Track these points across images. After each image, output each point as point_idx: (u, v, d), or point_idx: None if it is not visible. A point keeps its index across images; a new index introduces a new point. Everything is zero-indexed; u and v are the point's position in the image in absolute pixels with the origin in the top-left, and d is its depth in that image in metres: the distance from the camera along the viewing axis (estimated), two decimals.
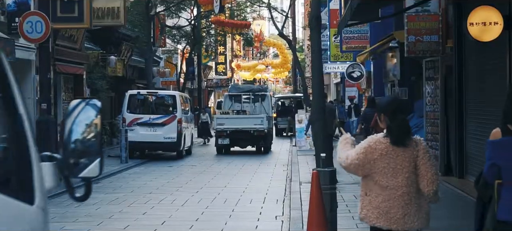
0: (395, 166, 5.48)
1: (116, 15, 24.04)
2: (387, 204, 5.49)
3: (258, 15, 62.57)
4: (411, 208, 5.50)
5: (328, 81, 46.55)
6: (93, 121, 3.15)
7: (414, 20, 15.60)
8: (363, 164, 5.51)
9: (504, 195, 5.21)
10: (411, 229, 5.52)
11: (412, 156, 5.50)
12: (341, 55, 29.93)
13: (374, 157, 5.48)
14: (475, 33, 11.40)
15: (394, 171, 5.49)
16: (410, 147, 5.51)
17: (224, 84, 62.61)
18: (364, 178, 5.65)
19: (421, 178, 5.50)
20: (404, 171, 5.49)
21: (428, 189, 5.48)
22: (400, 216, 5.49)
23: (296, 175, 17.47)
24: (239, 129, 26.46)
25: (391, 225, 5.50)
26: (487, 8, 11.43)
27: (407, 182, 5.49)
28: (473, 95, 14.09)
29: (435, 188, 5.51)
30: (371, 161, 5.49)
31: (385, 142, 5.51)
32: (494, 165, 5.28)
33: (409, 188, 5.49)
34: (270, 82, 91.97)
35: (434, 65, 16.05)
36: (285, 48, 59.65)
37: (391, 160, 5.49)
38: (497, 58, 12.29)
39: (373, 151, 5.48)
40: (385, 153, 5.49)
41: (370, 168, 5.52)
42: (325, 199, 8.86)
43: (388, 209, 5.49)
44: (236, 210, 12.88)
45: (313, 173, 8.92)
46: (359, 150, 5.54)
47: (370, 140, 5.59)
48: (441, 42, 15.48)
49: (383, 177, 5.51)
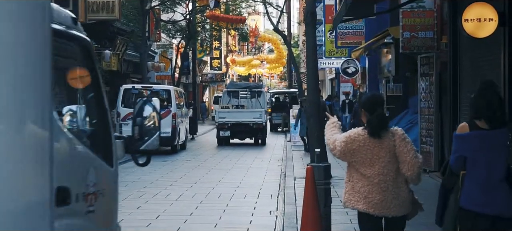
0: (372, 156, 5.95)
1: (111, 9, 24.01)
2: (366, 189, 5.96)
3: (253, 10, 62.48)
4: (388, 195, 5.93)
5: (323, 77, 46.55)
6: (151, 113, 4.92)
7: (409, 16, 15.62)
8: (344, 152, 6.01)
9: (467, 185, 5.66)
10: (387, 215, 5.96)
11: (388, 146, 5.95)
12: (336, 50, 29.96)
13: (353, 147, 5.97)
14: (470, 29, 11.42)
15: (371, 161, 5.96)
16: (386, 138, 5.96)
17: (219, 79, 62.58)
18: (348, 166, 6.16)
19: (402, 164, 5.93)
20: (380, 161, 5.94)
21: (410, 173, 5.93)
22: (378, 201, 5.92)
23: (290, 170, 17.49)
24: (239, 122, 28.57)
25: (369, 209, 5.95)
26: (482, 5, 11.44)
27: (383, 170, 5.93)
28: (468, 92, 14.12)
29: (416, 170, 5.94)
30: (350, 151, 5.99)
31: (363, 133, 6.00)
32: (460, 157, 5.69)
33: (386, 177, 5.94)
34: (265, 77, 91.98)
35: (429, 61, 16.06)
36: (280, 43, 59.64)
37: (368, 150, 5.96)
38: (492, 54, 12.31)
39: (352, 142, 5.98)
40: (362, 144, 5.97)
41: (350, 157, 6.02)
42: (320, 194, 8.86)
43: (367, 194, 5.96)
44: (230, 204, 12.88)
45: (308, 168, 8.92)
46: (341, 138, 6.05)
47: (350, 131, 6.11)
48: (436, 38, 15.50)
49: (362, 166, 5.99)
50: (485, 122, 5.64)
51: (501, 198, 5.61)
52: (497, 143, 5.65)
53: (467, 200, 5.65)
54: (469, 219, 5.64)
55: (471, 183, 5.64)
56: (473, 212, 5.62)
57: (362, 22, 26.10)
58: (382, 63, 25.46)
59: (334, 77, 41.63)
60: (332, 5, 27.83)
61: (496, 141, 5.64)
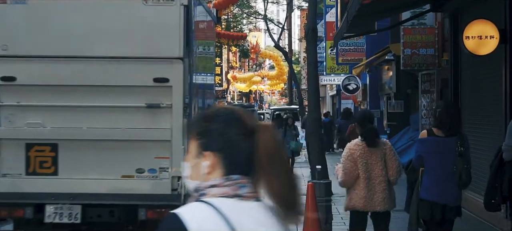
0: (371, 161, 7.34)
1: None
2: (367, 190, 7.31)
3: (255, 26, 62.64)
4: (386, 193, 7.36)
5: (324, 94, 46.60)
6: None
7: (410, 33, 15.62)
8: (352, 166, 7.34)
9: (424, 179, 7.10)
10: (381, 210, 7.36)
11: (381, 154, 7.37)
12: (337, 67, 29.95)
13: (356, 155, 7.35)
14: (471, 46, 11.41)
15: (371, 165, 7.34)
16: (379, 147, 7.40)
17: (220, 96, 62.61)
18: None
19: (389, 169, 7.39)
20: (378, 165, 7.35)
21: (393, 178, 7.43)
22: (380, 200, 7.33)
23: None
24: None
25: (376, 208, 7.35)
26: (483, 22, 11.44)
27: (382, 172, 7.35)
28: (469, 109, 14.09)
29: (398, 176, 7.49)
30: (355, 159, 7.34)
31: (361, 144, 7.41)
32: (420, 157, 7.14)
33: (384, 177, 7.36)
34: (266, 94, 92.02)
35: (430, 78, 16.06)
36: (281, 60, 59.66)
37: (368, 158, 7.35)
38: (493, 72, 12.29)
39: (354, 152, 7.37)
40: (362, 151, 7.35)
41: (356, 166, 7.32)
42: (320, 211, 8.84)
43: (372, 196, 7.32)
44: None
45: (308, 185, 8.90)
46: (343, 159, 7.41)
47: (349, 146, 7.51)
48: (437, 56, 15.49)
49: (365, 171, 7.32)
50: (441, 131, 7.03)
51: (450, 190, 7.01)
52: (449, 147, 7.00)
53: (425, 192, 7.08)
54: (427, 207, 7.06)
55: (428, 178, 7.05)
56: (429, 201, 7.04)
57: (363, 39, 26.12)
58: (383, 80, 25.47)
59: (335, 94, 41.65)
60: (333, 22, 27.85)
61: (448, 146, 7.00)
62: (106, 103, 8.21)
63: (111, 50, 8.26)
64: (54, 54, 8.26)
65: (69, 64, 8.25)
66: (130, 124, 8.17)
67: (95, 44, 8.30)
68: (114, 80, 8.22)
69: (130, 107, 8.18)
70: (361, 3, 9.69)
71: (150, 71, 8.14)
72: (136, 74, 8.16)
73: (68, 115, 8.23)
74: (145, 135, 8.16)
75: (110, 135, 8.20)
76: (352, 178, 7.31)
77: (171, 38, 8.20)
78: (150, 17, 8.23)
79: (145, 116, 8.16)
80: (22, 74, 8.23)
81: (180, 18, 8.20)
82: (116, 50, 8.26)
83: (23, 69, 8.24)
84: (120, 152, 8.18)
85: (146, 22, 8.25)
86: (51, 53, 8.26)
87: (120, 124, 8.19)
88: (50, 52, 8.26)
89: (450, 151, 6.96)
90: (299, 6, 49.20)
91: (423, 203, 7.06)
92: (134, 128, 8.16)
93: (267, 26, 43.75)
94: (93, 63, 8.25)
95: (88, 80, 8.21)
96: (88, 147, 8.19)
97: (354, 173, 7.31)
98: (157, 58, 8.20)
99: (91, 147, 8.19)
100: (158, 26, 8.23)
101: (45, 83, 8.26)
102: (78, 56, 8.26)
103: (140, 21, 8.27)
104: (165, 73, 8.15)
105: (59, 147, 8.17)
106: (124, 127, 8.18)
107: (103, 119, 8.21)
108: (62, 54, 8.25)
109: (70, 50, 8.25)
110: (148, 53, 8.21)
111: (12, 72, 8.21)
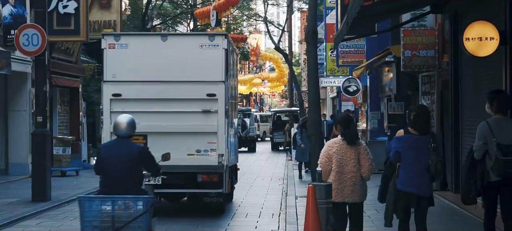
0: (345, 158, 8.45)
1: (112, 28, 24.04)
2: (341, 184, 8.44)
3: (255, 29, 62.63)
4: (356, 186, 8.46)
5: (324, 96, 46.55)
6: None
7: (411, 35, 15.62)
8: (326, 161, 8.49)
9: (401, 173, 8.23)
10: (357, 201, 8.50)
11: (356, 152, 8.47)
12: (337, 69, 29.90)
13: (331, 152, 8.49)
14: (471, 48, 11.41)
15: (345, 162, 8.44)
16: (355, 146, 8.48)
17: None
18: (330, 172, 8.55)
19: (362, 167, 8.46)
20: (351, 162, 8.44)
21: (365, 175, 8.49)
22: (349, 193, 8.45)
23: (292, 189, 17.44)
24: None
25: (344, 199, 8.47)
26: (483, 23, 11.44)
27: (354, 168, 8.44)
28: (469, 110, 14.10)
29: (369, 174, 8.53)
30: (330, 155, 8.48)
31: (339, 142, 8.54)
32: (397, 152, 8.24)
33: (356, 173, 8.45)
34: (266, 96, 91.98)
35: (430, 80, 16.06)
36: (282, 62, 59.70)
37: (343, 154, 8.46)
38: (493, 73, 12.30)
39: (331, 148, 8.52)
40: (339, 149, 8.48)
41: (330, 161, 8.46)
42: (321, 214, 8.83)
43: (342, 188, 8.45)
44: (231, 224, 12.85)
45: (309, 187, 8.90)
46: (321, 154, 8.60)
47: (328, 143, 8.70)
48: (437, 57, 15.49)
49: (338, 166, 8.44)
50: (416, 130, 8.22)
51: (423, 182, 8.18)
52: (422, 145, 8.17)
53: (401, 183, 8.21)
54: (403, 197, 8.21)
55: (404, 172, 8.19)
56: (405, 192, 8.17)
57: (364, 41, 26.09)
58: (383, 82, 25.46)
59: (335, 95, 41.62)
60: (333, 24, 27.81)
61: (421, 143, 8.18)
62: (177, 109, 13.20)
63: (181, 77, 13.23)
64: (145, 80, 13.25)
65: (154, 85, 13.24)
66: (192, 122, 13.17)
67: (171, 72, 13.27)
68: (182, 95, 13.19)
69: (192, 112, 13.16)
70: (361, 5, 9.69)
71: (204, 90, 13.15)
72: (196, 91, 13.16)
73: (153, 117, 13.11)
74: (201, 128, 13.15)
75: (180, 128, 13.14)
76: (326, 171, 8.48)
77: (217, 69, 13.20)
78: (204, 56, 13.23)
79: (201, 117, 13.17)
80: (124, 92, 13.20)
81: (222, 57, 13.22)
82: (184, 77, 13.23)
83: (125, 89, 13.22)
84: (185, 139, 13.09)
85: (202, 59, 13.22)
86: (143, 79, 13.25)
87: (186, 122, 13.17)
88: (142, 79, 13.25)
89: (424, 147, 8.17)
90: (299, 8, 49.20)
91: (400, 194, 8.21)
92: (195, 124, 13.16)
93: (267, 28, 43.77)
94: (169, 84, 13.23)
95: (166, 95, 13.21)
96: (166, 136, 12.93)
97: (327, 167, 8.47)
98: (209, 81, 13.17)
99: (168, 136, 12.95)
100: (210, 61, 13.19)
101: (139, 98, 13.20)
102: (160, 80, 13.23)
103: (198, 58, 13.23)
104: (213, 91, 13.15)
105: (148, 136, 12.74)
106: (188, 124, 13.16)
107: (175, 119, 13.19)
108: (150, 79, 13.25)
109: (155, 77, 13.25)
110: (203, 78, 13.20)
111: (119, 91, 13.21)
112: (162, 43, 13.32)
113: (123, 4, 28.39)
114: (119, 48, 13.23)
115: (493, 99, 8.59)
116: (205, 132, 13.06)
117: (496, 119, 8.50)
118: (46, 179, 15.38)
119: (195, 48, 13.22)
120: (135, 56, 13.23)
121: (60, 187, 17.83)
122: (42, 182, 15.30)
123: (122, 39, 13.44)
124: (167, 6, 38.26)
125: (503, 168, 8.13)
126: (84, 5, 20.34)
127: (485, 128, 8.45)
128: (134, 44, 13.42)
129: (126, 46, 13.27)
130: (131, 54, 13.22)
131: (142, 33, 22.55)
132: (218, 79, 13.08)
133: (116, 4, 24.23)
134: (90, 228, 7.44)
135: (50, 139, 16.55)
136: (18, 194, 16.38)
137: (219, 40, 13.21)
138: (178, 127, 13.07)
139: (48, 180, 15.49)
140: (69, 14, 19.75)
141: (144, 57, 13.23)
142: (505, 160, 8.10)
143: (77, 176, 21.73)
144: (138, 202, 7.47)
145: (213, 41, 13.21)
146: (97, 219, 7.40)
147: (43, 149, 15.49)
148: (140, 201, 7.47)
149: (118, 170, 7.89)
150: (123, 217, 7.40)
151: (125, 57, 13.22)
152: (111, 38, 13.43)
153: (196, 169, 13.12)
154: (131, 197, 7.55)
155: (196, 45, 13.27)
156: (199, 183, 13.25)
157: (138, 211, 7.42)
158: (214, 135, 13.04)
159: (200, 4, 37.47)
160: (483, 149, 8.38)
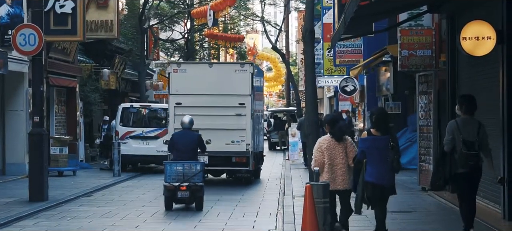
0: (335, 153, 9.91)
1: (109, 28, 24.01)
2: (333, 175, 9.86)
3: (252, 28, 62.60)
4: (345, 176, 9.88)
5: (321, 95, 46.55)
6: None
7: (408, 34, 15.64)
8: (320, 154, 9.90)
9: (367, 168, 9.44)
10: (346, 188, 9.90)
11: (343, 147, 9.94)
12: (334, 69, 29.92)
13: (323, 147, 9.96)
14: (468, 47, 11.42)
15: (335, 155, 9.90)
16: (342, 142, 9.96)
17: None
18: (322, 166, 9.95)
19: (349, 158, 9.90)
20: (340, 155, 9.90)
21: (350, 163, 9.83)
22: (340, 181, 9.87)
23: (289, 189, 17.44)
24: None
25: (336, 186, 9.87)
26: (480, 23, 11.45)
27: (342, 161, 9.88)
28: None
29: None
30: (322, 150, 9.92)
31: (328, 139, 10.02)
32: (363, 151, 9.49)
33: (344, 164, 9.89)
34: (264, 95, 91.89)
35: (428, 80, 16.07)
36: (279, 61, 59.71)
37: (332, 149, 9.92)
38: (490, 72, 12.32)
39: (322, 144, 10.01)
40: (329, 145, 9.95)
41: (323, 155, 9.89)
42: (318, 213, 8.84)
43: (334, 177, 9.87)
44: (229, 223, 12.84)
45: (306, 186, 8.91)
46: (314, 150, 10.06)
47: (319, 140, 10.19)
48: (434, 57, 15.50)
49: (329, 159, 9.87)
50: (377, 131, 9.48)
51: (386, 175, 9.41)
52: (383, 143, 9.40)
53: (368, 176, 9.42)
54: (369, 187, 9.42)
55: (369, 166, 9.42)
56: (371, 183, 9.39)
57: (361, 41, 26.10)
58: (380, 82, 25.47)
59: (332, 95, 41.62)
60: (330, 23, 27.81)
61: (383, 142, 9.41)
62: (219, 113, 19.03)
63: (222, 91, 19.14)
64: (197, 93, 19.19)
65: (203, 97, 19.11)
66: (229, 121, 19.06)
67: (215, 88, 19.13)
68: (222, 103, 19.03)
69: (229, 115, 19.07)
70: (358, 4, 9.70)
71: (237, 100, 19.12)
72: (231, 101, 19.09)
73: (203, 118, 18.34)
74: (235, 126, 19.07)
75: (220, 126, 18.93)
76: (321, 165, 9.84)
77: (245, 86, 19.19)
78: (237, 77, 19.24)
79: (235, 119, 19.10)
80: (184, 101, 19.16)
81: (249, 78, 19.23)
82: (223, 91, 19.14)
83: (185, 99, 19.20)
84: (224, 133, 19.01)
85: (236, 79, 19.22)
86: (196, 92, 19.22)
87: (224, 121, 19.04)
88: (195, 92, 19.21)
89: (385, 146, 9.40)
90: (296, 8, 49.19)
91: (367, 185, 9.44)
92: (230, 123, 19.07)
93: (264, 28, 43.76)
94: (214, 96, 19.09)
95: (212, 104, 19.04)
96: (211, 131, 18.46)
97: (321, 160, 9.87)
98: (240, 94, 19.10)
99: (212, 132, 18.56)
100: (241, 81, 19.19)
101: (193, 105, 18.86)
102: (207, 93, 19.10)
103: (233, 79, 19.25)
104: (243, 101, 19.13)
105: (199, 131, 15.88)
106: (226, 123, 19.02)
107: (217, 119, 18.97)
108: (201, 93, 19.17)
109: (204, 91, 19.15)
110: (236, 92, 19.13)
111: (179, 101, 19.24)
112: (209, 69, 19.78)
113: (120, 4, 28.35)
114: (180, 72, 19.41)
115: (462, 103, 10.01)
116: (237, 128, 19.04)
117: (464, 119, 9.88)
118: (43, 179, 15.37)
119: (231, 72, 19.45)
120: (191, 77, 19.31)
121: (57, 187, 17.83)
122: (39, 182, 15.30)
123: (182, 66, 19.80)
124: (164, 6, 38.21)
125: (466, 160, 9.65)
126: (81, 5, 20.28)
127: (454, 125, 9.89)
128: (190, 69, 19.76)
129: (185, 70, 19.46)
130: (188, 76, 19.35)
131: (195, 62, 32.17)
132: (246, 93, 19.15)
133: (113, 4, 24.18)
134: (169, 179, 13.83)
135: (47, 139, 16.53)
136: (15, 194, 16.37)
137: (247, 67, 19.45)
138: (219, 124, 18.94)
139: (45, 180, 15.48)
140: (66, 14, 19.67)
141: (196, 78, 19.30)
142: (468, 153, 9.64)
143: (74, 175, 21.72)
144: (196, 165, 13.98)
145: (243, 68, 19.41)
146: (173, 174, 13.86)
147: (40, 149, 15.48)
148: (198, 164, 13.99)
149: (185, 147, 14.11)
150: (188, 174, 13.85)
151: (184, 78, 19.33)
152: (175, 66, 19.84)
153: (231, 154, 19.13)
154: (193, 162, 13.98)
155: (231, 70, 19.56)
156: (233, 163, 19.22)
157: (197, 170, 13.91)
158: (244, 130, 19.07)
159: (197, 4, 37.42)
160: (451, 143, 9.79)
